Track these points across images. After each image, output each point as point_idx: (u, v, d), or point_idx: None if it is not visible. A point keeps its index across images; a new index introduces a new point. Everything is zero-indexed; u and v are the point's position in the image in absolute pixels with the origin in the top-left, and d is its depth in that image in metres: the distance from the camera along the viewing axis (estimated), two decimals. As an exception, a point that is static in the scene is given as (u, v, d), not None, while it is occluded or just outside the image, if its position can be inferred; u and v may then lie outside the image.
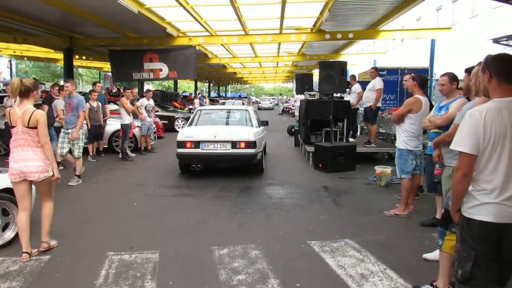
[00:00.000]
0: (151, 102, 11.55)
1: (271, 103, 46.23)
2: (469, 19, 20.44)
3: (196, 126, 8.38)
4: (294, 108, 24.39)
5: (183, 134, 7.75)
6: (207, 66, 28.75)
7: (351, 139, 10.21)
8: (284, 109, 33.61)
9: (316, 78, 14.71)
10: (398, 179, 6.92)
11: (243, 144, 7.45)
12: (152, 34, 15.22)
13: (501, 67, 2.26)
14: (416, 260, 3.98)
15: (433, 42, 14.98)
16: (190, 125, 8.48)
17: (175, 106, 22.10)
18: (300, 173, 8.50)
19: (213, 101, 31.46)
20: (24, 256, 3.81)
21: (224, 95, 56.88)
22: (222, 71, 34.72)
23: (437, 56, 15.06)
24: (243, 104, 24.19)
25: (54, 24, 13.81)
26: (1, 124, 9.28)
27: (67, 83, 7.49)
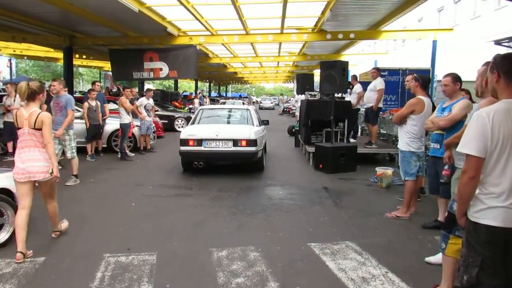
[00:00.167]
0: (151, 102, 11.48)
1: (272, 103, 47.68)
2: (471, 20, 20.36)
3: (199, 125, 8.57)
4: (295, 108, 24.36)
5: (186, 133, 7.93)
6: (208, 66, 28.66)
7: (352, 140, 10.14)
8: (285, 109, 33.58)
9: (317, 78, 14.65)
10: (399, 181, 6.89)
11: (244, 142, 7.64)
12: (153, 33, 15.14)
13: (510, 67, 2.18)
14: (418, 264, 3.91)
15: (435, 43, 14.90)
16: (193, 124, 8.66)
17: (176, 106, 22.03)
18: (301, 174, 8.43)
19: (214, 101, 31.37)
20: (19, 256, 3.74)
21: (225, 95, 56.84)
22: (223, 71, 34.63)
23: (438, 57, 14.98)
24: (243, 104, 24.13)
25: (54, 23, 13.73)
26: (0, 124, 9.22)
27: (54, 82, 7.19)
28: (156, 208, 5.71)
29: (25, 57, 27.05)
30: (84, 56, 22.85)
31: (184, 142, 7.74)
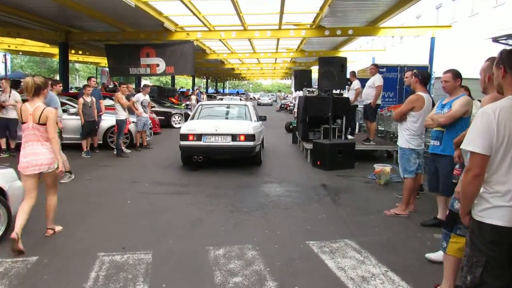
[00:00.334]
0: (147, 98, 11.37)
1: (270, 99, 48.83)
2: (469, 18, 20.32)
3: (198, 120, 8.74)
4: (292, 105, 24.28)
5: (186, 128, 8.11)
6: (205, 62, 28.57)
7: (350, 137, 10.08)
8: (282, 106, 33.49)
9: (315, 75, 14.60)
10: (398, 178, 6.83)
11: (243, 137, 7.84)
12: (149, 29, 15.02)
13: None
14: (418, 262, 3.85)
15: (433, 40, 14.87)
16: (192, 119, 8.84)
17: (172, 102, 21.91)
18: (298, 171, 8.37)
19: (211, 97, 31.26)
20: (13, 235, 3.77)
21: (222, 91, 56.68)
22: (220, 67, 34.56)
23: (436, 55, 14.96)
24: (241, 100, 24.08)
25: (49, 18, 13.59)
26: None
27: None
28: (152, 206, 5.63)
29: (20, 53, 26.79)
30: (80, 52, 22.68)
31: (184, 137, 7.90)
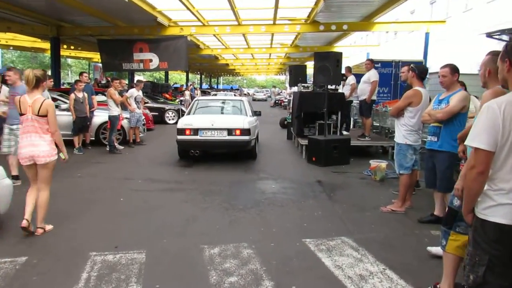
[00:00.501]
0: (141, 93, 11.22)
1: (265, 95, 49.77)
2: (463, 13, 20.32)
3: (195, 115, 8.91)
4: (286, 101, 24.18)
5: (183, 122, 8.26)
6: (199, 57, 28.34)
7: (345, 132, 10.02)
8: (276, 101, 33.39)
9: (309, 70, 14.51)
10: (393, 174, 6.79)
11: (238, 132, 8.02)
12: (143, 24, 14.81)
13: None
14: (416, 259, 3.81)
15: (427, 35, 14.83)
16: (189, 114, 9.00)
17: (166, 98, 21.71)
18: (293, 167, 8.30)
19: (205, 93, 31.02)
20: (24, 223, 3.99)
21: (216, 87, 56.41)
22: (214, 63, 34.32)
23: (430, 50, 14.93)
24: (235, 96, 23.99)
25: (41, 12, 13.34)
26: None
27: (10, 72, 6.41)
28: (146, 203, 5.52)
29: (11, 47, 26.35)
30: (72, 47, 22.38)
31: (181, 131, 8.06)
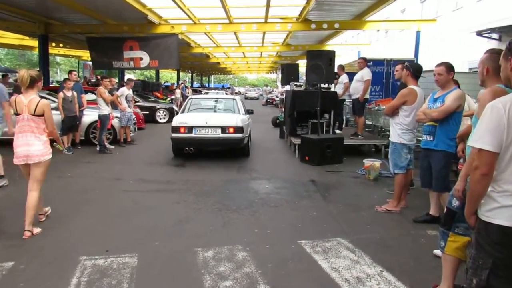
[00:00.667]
0: (131, 92, 11.05)
1: (257, 93, 50.46)
2: (453, 12, 20.42)
3: (189, 113, 9.07)
4: (278, 99, 24.13)
5: (178, 120, 8.40)
6: (190, 56, 28.15)
7: (337, 131, 9.99)
8: (268, 100, 33.33)
9: (301, 69, 14.46)
10: (387, 173, 6.76)
11: (232, 130, 8.18)
12: (133, 21, 14.62)
13: None
14: (413, 260, 3.77)
15: (418, 34, 14.89)
16: (183, 112, 9.16)
17: (157, 97, 21.50)
18: (287, 166, 8.24)
19: (196, 92, 30.83)
20: (27, 234, 4.02)
21: (207, 86, 56.17)
22: (205, 61, 34.15)
23: (421, 48, 14.98)
24: (226, 94, 23.89)
25: (28, 9, 13.08)
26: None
27: None
28: (137, 205, 5.41)
29: (-2, 46, 25.92)
30: (61, 45, 22.03)
31: (176, 129, 8.20)
